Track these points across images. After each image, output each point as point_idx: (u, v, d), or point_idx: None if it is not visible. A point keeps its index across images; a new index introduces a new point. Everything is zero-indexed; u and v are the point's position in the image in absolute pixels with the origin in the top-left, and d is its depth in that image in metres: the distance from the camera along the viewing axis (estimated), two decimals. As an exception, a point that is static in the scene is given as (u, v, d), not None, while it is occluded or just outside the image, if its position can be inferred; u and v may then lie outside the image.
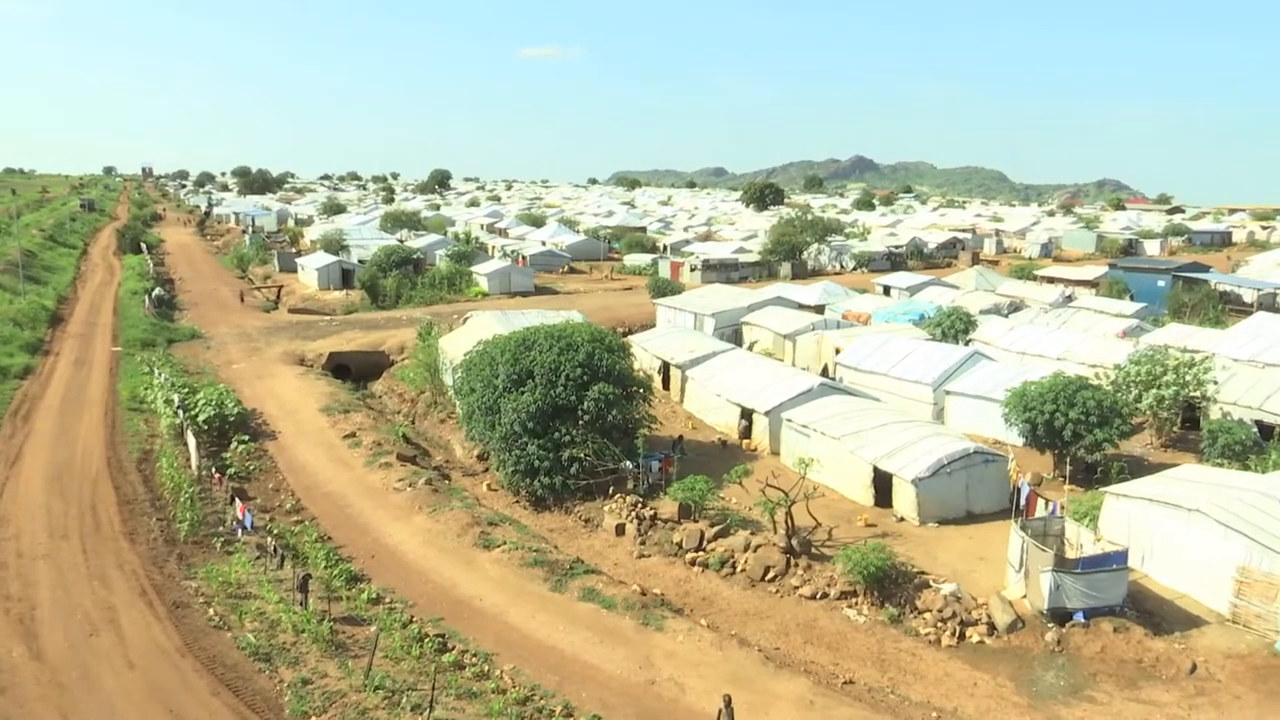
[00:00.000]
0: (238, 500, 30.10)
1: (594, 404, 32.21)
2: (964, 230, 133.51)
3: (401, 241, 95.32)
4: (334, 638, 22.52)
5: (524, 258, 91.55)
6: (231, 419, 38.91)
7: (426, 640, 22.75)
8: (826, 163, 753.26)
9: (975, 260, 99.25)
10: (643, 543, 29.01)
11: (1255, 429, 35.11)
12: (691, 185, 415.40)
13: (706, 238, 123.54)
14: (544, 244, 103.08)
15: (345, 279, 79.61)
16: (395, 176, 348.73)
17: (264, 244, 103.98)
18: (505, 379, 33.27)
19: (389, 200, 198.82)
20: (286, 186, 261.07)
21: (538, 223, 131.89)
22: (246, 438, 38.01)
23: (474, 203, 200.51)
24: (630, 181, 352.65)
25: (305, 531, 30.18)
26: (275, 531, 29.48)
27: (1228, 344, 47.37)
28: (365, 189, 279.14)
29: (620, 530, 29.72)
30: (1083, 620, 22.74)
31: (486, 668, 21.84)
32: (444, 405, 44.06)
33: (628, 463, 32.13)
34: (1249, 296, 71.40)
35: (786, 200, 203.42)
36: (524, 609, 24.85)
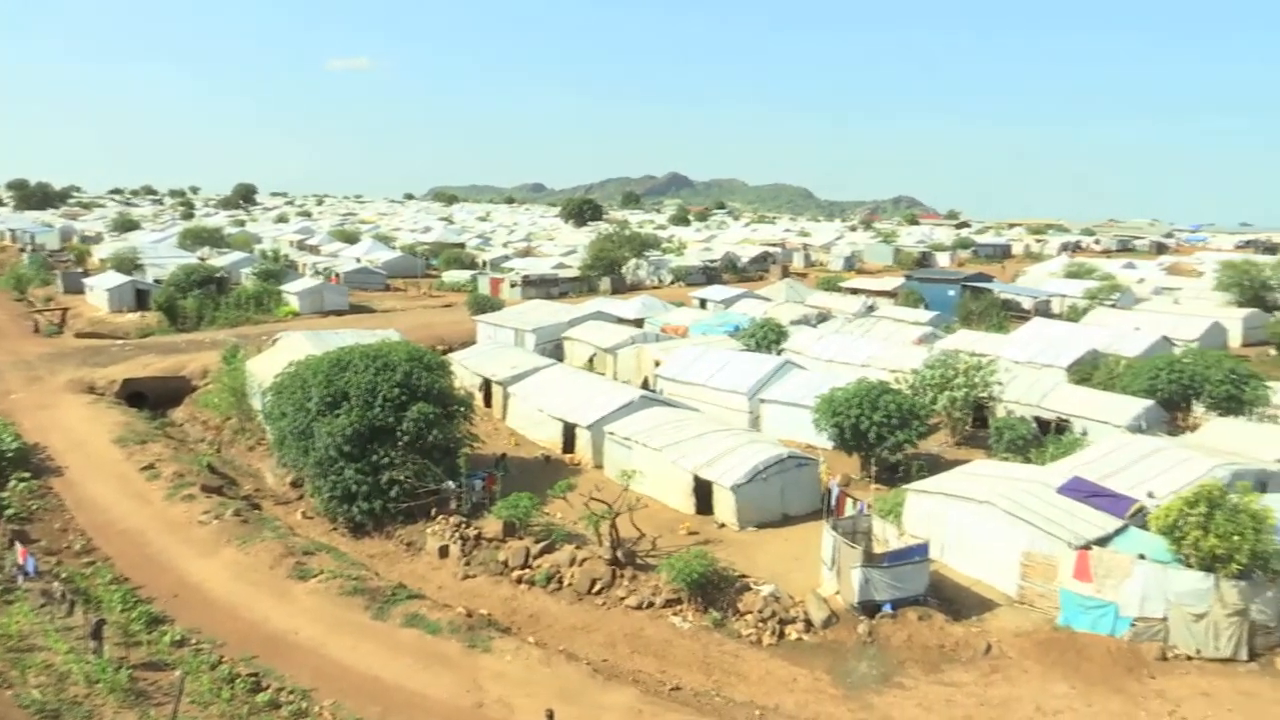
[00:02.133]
0: (17, 544, 27.50)
1: (413, 424, 31.45)
2: (774, 245, 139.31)
3: (203, 260, 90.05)
4: (133, 686, 20.89)
5: (337, 275, 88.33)
6: (9, 455, 35.53)
7: (238, 681, 21.50)
8: (643, 179, 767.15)
9: (785, 273, 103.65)
10: (467, 563, 28.53)
11: (1035, 424, 38.31)
12: (510, 201, 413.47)
13: (526, 253, 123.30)
14: (359, 261, 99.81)
15: (140, 300, 74.24)
16: (195, 191, 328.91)
17: (45, 263, 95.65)
18: (319, 402, 31.99)
19: (188, 216, 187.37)
20: (71, 201, 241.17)
21: (351, 239, 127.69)
22: (28, 475, 34.79)
23: (283, 218, 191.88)
24: (448, 197, 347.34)
25: (98, 573, 27.90)
26: (63, 575, 27.11)
27: (1009, 348, 51.46)
28: (161, 204, 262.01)
29: (444, 552, 29.11)
30: (890, 611, 24.06)
31: (305, 705, 20.86)
32: (253, 431, 41.86)
33: (450, 483, 31.54)
34: (1027, 304, 77.94)
35: (605, 216, 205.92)
36: (344, 640, 23.91)
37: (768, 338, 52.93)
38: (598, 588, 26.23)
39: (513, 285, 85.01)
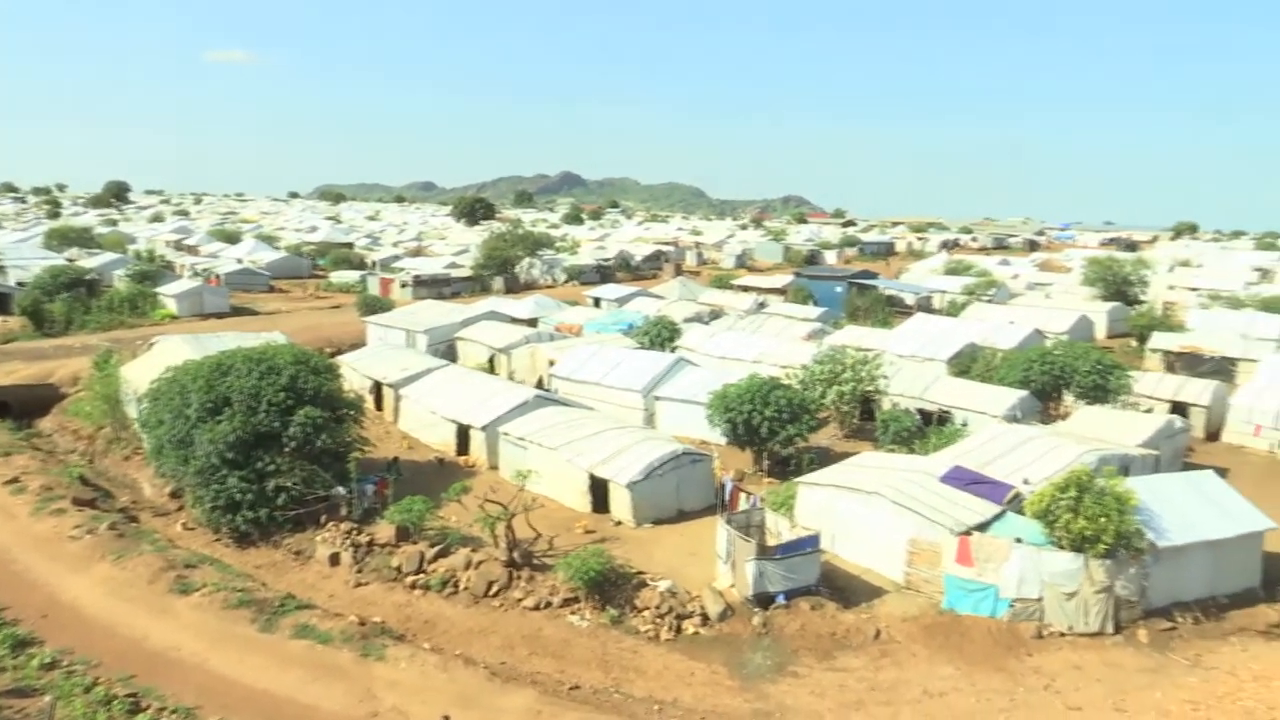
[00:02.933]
0: None
1: (300, 429, 30.55)
2: (667, 243, 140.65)
3: (71, 261, 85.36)
4: (-2, 715, 19.73)
5: (218, 277, 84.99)
6: None
7: (115, 703, 20.48)
8: (536, 178, 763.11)
9: (678, 271, 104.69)
10: (359, 570, 27.88)
11: (918, 416, 39.72)
12: (400, 200, 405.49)
13: (417, 253, 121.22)
14: (240, 262, 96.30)
15: (2, 304, 70.11)
16: (62, 188, 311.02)
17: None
18: (199, 408, 30.75)
19: (54, 215, 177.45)
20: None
21: (233, 239, 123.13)
22: (-126, 494, 32.45)
23: (158, 218, 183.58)
24: (335, 195, 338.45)
25: (-44, 596, 26.19)
26: (-84, 600, 25.36)
27: (894, 342, 53.19)
28: (24, 202, 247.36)
29: (335, 560, 28.38)
30: (784, 602, 24.59)
31: (188, 723, 20.05)
32: (128, 440, 39.94)
33: (340, 489, 30.75)
34: (910, 299, 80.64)
35: (497, 215, 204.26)
36: (229, 654, 23.06)
37: (661, 335, 53.38)
38: (494, 590, 26.00)
39: (403, 285, 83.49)
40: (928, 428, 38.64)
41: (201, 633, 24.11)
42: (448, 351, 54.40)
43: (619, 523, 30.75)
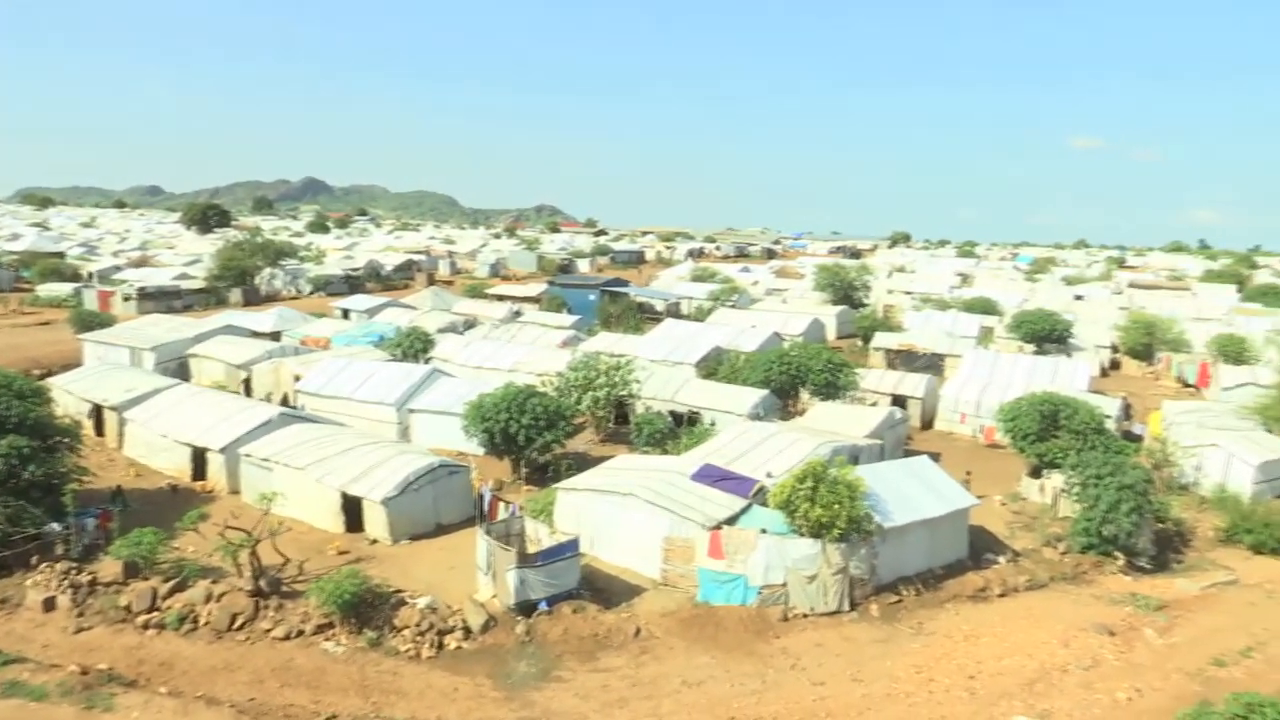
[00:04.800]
0: None
1: (3, 461, 27.27)
2: (419, 252, 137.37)
3: None
4: None
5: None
6: None
7: None
8: (276, 183, 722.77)
9: (431, 281, 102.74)
10: (81, 614, 25.17)
11: (670, 418, 41.23)
12: (121, 205, 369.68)
13: (142, 263, 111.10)
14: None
15: None
16: None
17: None
18: (-128, 443, 26.72)
19: None
20: None
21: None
22: None
23: None
24: (41, 199, 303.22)
25: None
26: None
27: (646, 347, 54.92)
28: None
29: (50, 604, 25.46)
30: (546, 608, 24.72)
31: None
32: None
33: (54, 525, 27.70)
34: (660, 306, 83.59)
35: (234, 222, 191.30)
36: (-81, 724, 20.19)
37: (414, 346, 52.23)
38: (240, 622, 24.35)
39: (126, 299, 76.47)
40: (679, 428, 40.19)
41: (-119, 702, 20.95)
42: (179, 370, 50.43)
43: (375, 541, 29.74)
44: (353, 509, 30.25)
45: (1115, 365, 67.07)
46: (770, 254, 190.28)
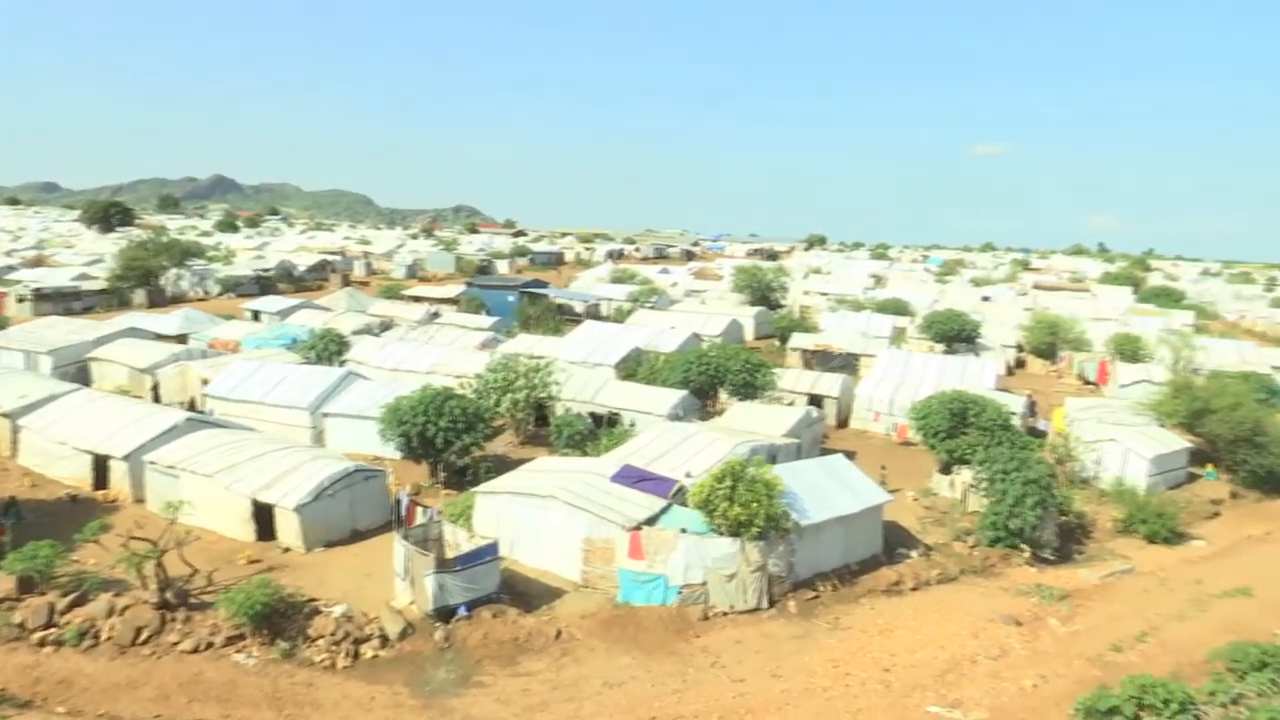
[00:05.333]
0: None
1: (-114, 473, 25.83)
2: (333, 253, 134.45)
3: None
4: None
5: None
6: None
7: None
8: (183, 181, 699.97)
9: (346, 282, 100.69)
10: (-29, 632, 24.02)
11: (590, 419, 41.20)
12: (15, 202, 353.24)
13: (38, 263, 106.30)
14: None
15: None
16: None
17: None
18: None
19: None
20: None
21: None
22: None
23: None
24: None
25: None
26: None
27: (565, 349, 54.77)
28: None
29: (-62, 623, 24.23)
30: (466, 613, 24.47)
31: None
32: None
33: (-57, 539, 26.36)
34: (579, 307, 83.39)
35: (138, 221, 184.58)
36: None
37: (329, 349, 51.17)
38: (145, 636, 23.49)
39: (21, 300, 73.18)
40: (599, 430, 40.18)
41: None
42: (79, 374, 48.48)
43: (288, 549, 29.02)
44: (264, 517, 29.48)
45: (1021, 364, 69.41)
46: (689, 256, 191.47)
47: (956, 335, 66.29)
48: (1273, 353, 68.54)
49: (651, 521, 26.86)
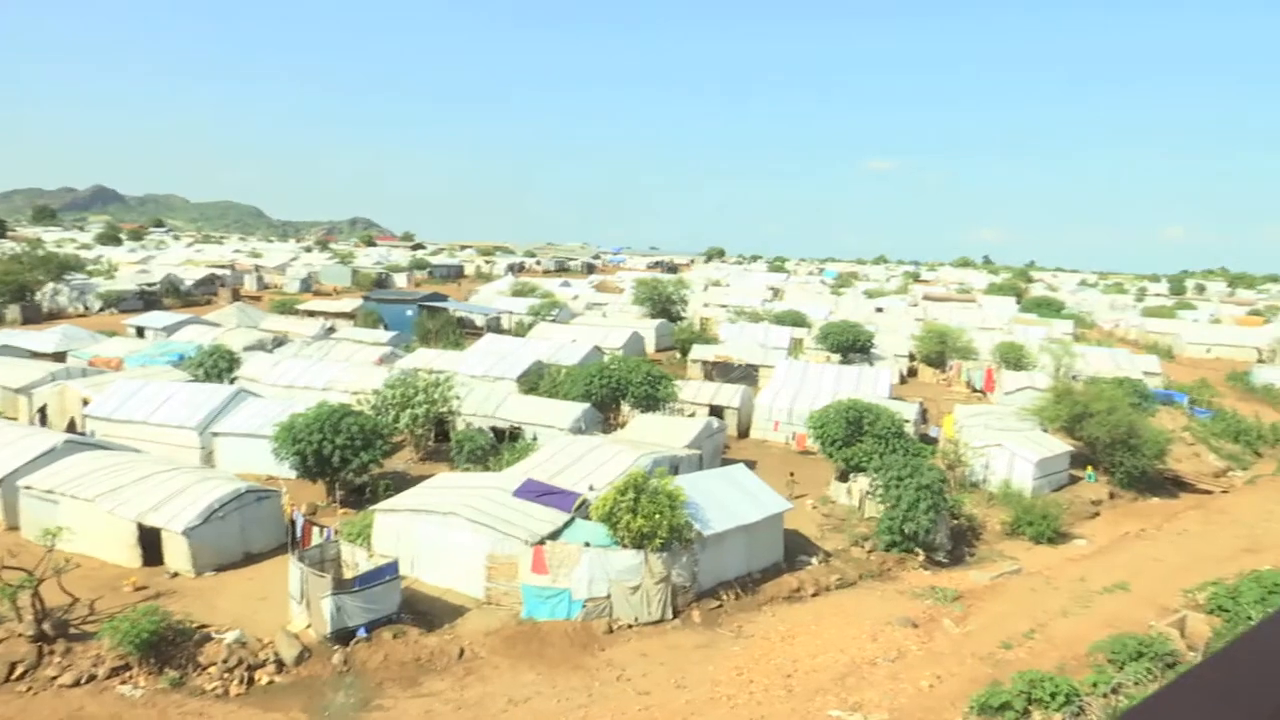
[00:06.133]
0: None
1: None
2: (223, 266, 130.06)
3: None
4: None
5: None
6: None
7: None
8: (60, 192, 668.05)
9: (236, 296, 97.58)
10: None
11: (491, 434, 40.81)
12: None
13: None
14: None
15: None
16: None
17: None
18: None
19: None
20: None
21: None
22: None
23: None
24: None
25: None
26: None
27: (466, 363, 54.16)
28: None
29: None
30: (365, 635, 23.92)
31: None
32: None
33: None
34: (480, 321, 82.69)
35: (10, 233, 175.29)
36: None
37: (218, 366, 49.45)
38: (20, 671, 22.24)
39: (-122, 318, 68.67)
40: (501, 444, 39.84)
41: None
42: (-56, 396, 45.67)
43: (176, 574, 27.91)
44: (151, 541, 28.28)
45: (913, 372, 71.64)
46: (590, 269, 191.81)
47: (852, 346, 68.04)
48: (1144, 359, 72.49)
49: (555, 536, 26.75)
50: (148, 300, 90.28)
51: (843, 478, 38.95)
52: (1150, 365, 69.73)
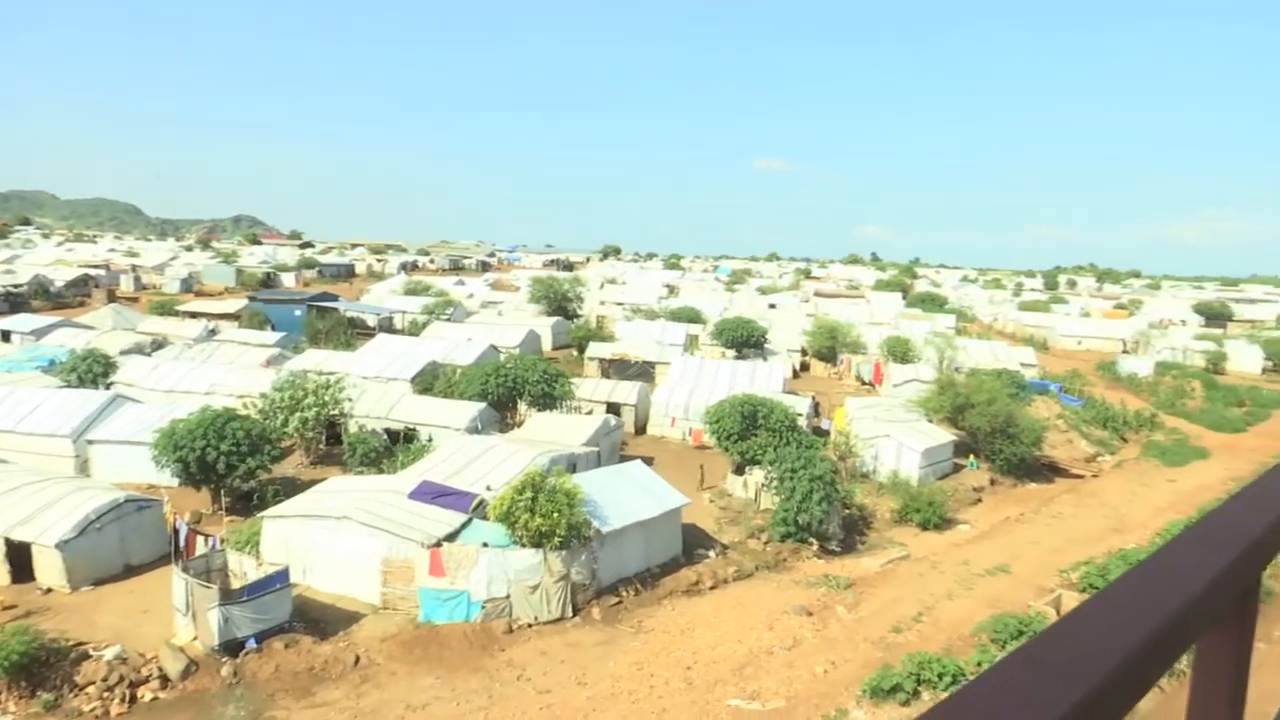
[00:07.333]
0: None
1: None
2: (97, 266, 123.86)
3: None
4: None
5: None
6: None
7: None
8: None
9: (112, 298, 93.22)
10: None
11: (385, 436, 40.05)
12: None
13: None
14: None
15: None
16: None
17: None
18: None
19: None
20: None
21: None
22: None
23: None
24: None
25: None
26: None
27: (358, 364, 52.95)
28: None
29: None
30: (255, 645, 23.20)
31: None
32: None
33: None
34: (372, 320, 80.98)
35: None
36: None
37: (93, 370, 47.19)
38: (-127, 700, 20.85)
39: None
40: (395, 446, 39.13)
41: None
42: None
43: (49, 590, 26.52)
44: (20, 557, 26.81)
45: (805, 367, 73.30)
46: (485, 267, 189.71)
47: (746, 341, 69.18)
48: (1021, 351, 75.89)
49: (452, 537, 26.46)
50: (14, 302, 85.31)
51: (738, 471, 39.60)
52: (1026, 357, 73.06)
